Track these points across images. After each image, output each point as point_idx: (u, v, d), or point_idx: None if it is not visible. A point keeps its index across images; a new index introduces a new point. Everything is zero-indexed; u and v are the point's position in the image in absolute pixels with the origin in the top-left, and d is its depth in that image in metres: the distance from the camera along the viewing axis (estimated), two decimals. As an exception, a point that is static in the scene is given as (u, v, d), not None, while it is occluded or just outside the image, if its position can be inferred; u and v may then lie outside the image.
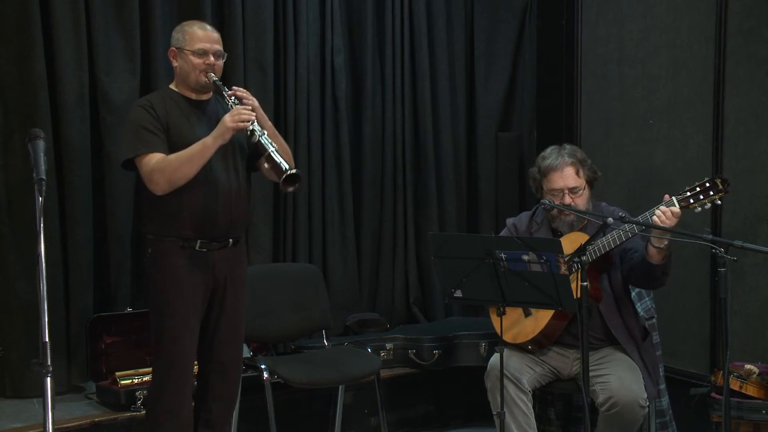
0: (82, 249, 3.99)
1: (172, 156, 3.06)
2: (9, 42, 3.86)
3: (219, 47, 3.19)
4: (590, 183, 3.47)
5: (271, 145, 3.06)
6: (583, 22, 4.78)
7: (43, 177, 2.28)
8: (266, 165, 3.08)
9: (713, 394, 3.53)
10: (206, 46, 3.14)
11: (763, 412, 3.41)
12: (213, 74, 3.15)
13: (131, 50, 4.08)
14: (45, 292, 2.18)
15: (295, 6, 4.49)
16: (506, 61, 5.17)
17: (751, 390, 3.46)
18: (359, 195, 4.81)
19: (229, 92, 3.14)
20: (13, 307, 3.87)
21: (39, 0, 3.84)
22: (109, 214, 4.08)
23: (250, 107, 3.10)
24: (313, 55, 4.57)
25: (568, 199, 3.38)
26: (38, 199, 2.24)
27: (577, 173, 3.42)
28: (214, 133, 3.05)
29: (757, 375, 3.46)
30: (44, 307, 2.17)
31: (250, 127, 3.05)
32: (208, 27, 3.22)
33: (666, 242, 3.11)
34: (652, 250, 3.15)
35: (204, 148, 3.04)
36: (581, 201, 3.41)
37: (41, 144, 2.38)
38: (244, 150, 3.26)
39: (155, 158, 3.05)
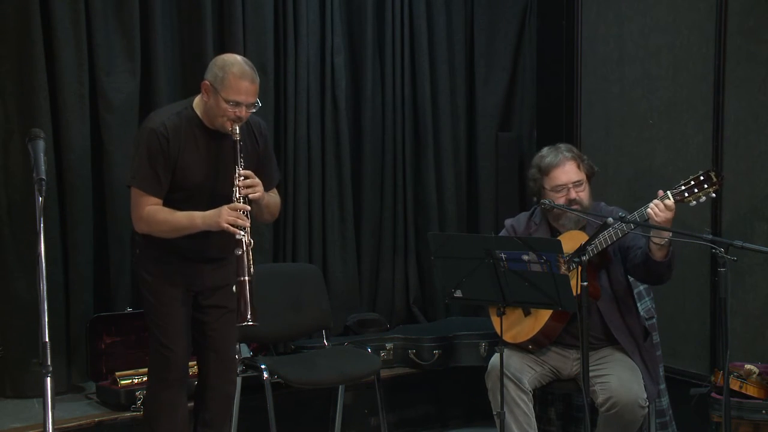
0: (82, 249, 3.99)
1: (161, 217, 3.04)
2: (9, 42, 3.86)
3: (254, 99, 3.07)
4: (589, 178, 3.48)
5: (250, 270, 2.97)
6: (583, 22, 4.78)
7: (43, 177, 2.28)
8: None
9: (713, 394, 3.52)
10: (242, 98, 3.02)
11: (763, 412, 3.41)
12: (238, 131, 3.03)
13: (131, 50, 4.08)
14: (45, 292, 2.18)
15: (295, 6, 4.49)
16: (506, 61, 5.17)
17: (751, 390, 3.46)
18: (359, 195, 4.80)
19: (242, 172, 3.03)
20: (13, 307, 3.87)
21: (39, 0, 3.84)
22: (109, 214, 4.08)
23: (247, 216, 2.99)
24: (313, 55, 4.57)
25: (573, 194, 3.39)
26: (38, 199, 2.24)
27: (578, 167, 3.44)
28: (206, 219, 3.00)
29: (757, 375, 3.46)
30: (44, 307, 2.17)
31: (240, 235, 2.97)
32: (249, 73, 3.05)
33: (666, 239, 3.11)
34: (653, 247, 3.16)
35: (191, 226, 3.03)
36: (585, 195, 3.42)
37: (41, 144, 2.38)
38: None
39: (148, 206, 3.04)
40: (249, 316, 2.95)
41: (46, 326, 2.17)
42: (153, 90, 4.10)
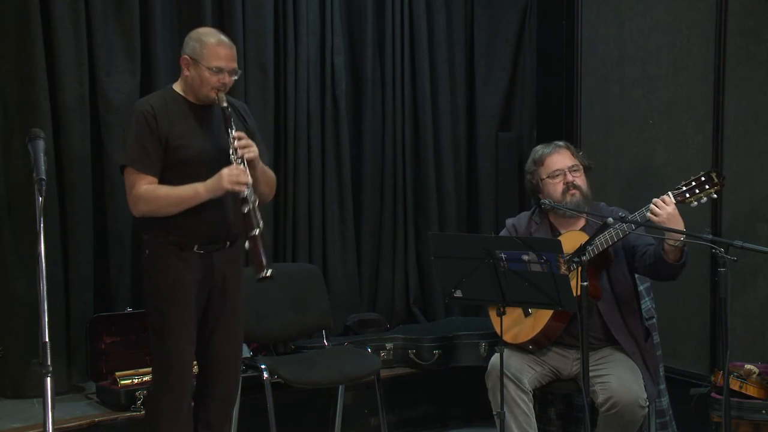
0: (82, 249, 3.99)
1: (162, 192, 3.05)
2: (9, 42, 3.86)
3: (235, 65, 3.14)
4: (585, 170, 3.51)
5: (259, 223, 3.02)
6: (583, 22, 4.78)
7: (43, 177, 2.28)
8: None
9: (713, 394, 3.53)
10: (223, 64, 3.09)
11: (763, 412, 3.41)
12: (224, 96, 3.10)
13: (131, 50, 4.08)
14: (45, 292, 2.17)
15: (295, 6, 4.49)
16: (506, 61, 5.17)
17: (751, 390, 3.46)
18: (359, 195, 4.81)
19: (235, 134, 3.07)
20: (13, 307, 3.87)
21: (39, 0, 3.84)
22: (109, 214, 4.08)
23: (247, 174, 3.04)
24: (313, 55, 4.57)
25: (570, 177, 3.44)
26: (38, 199, 2.23)
27: (572, 155, 3.50)
28: (209, 186, 3.03)
29: (757, 375, 3.46)
30: (44, 307, 2.17)
31: (245, 193, 3.02)
32: (226, 41, 3.15)
33: (681, 239, 3.11)
34: (667, 249, 3.16)
35: (195, 196, 3.04)
36: (583, 182, 3.45)
37: (41, 144, 2.38)
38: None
39: (144, 184, 3.04)
40: (265, 266, 3.00)
41: (46, 326, 2.16)
42: (153, 90, 4.07)
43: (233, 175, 3.01)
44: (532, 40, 5.17)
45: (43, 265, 2.18)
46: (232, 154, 3.06)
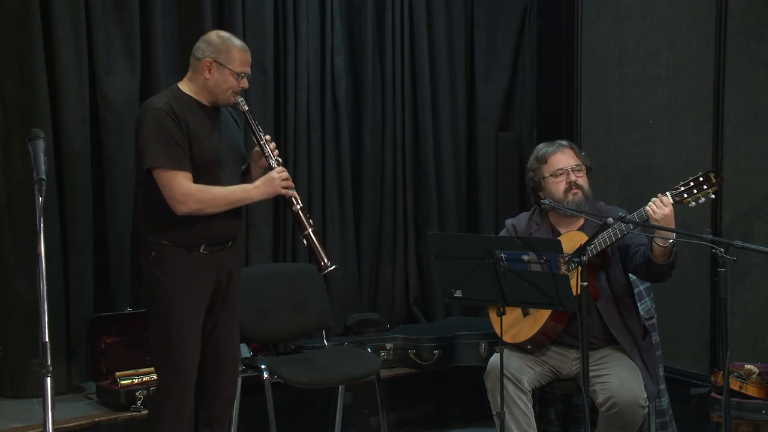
0: (82, 249, 3.99)
1: (215, 192, 3.06)
2: (9, 42, 3.86)
3: (250, 69, 3.20)
4: (587, 170, 3.51)
5: (310, 221, 3.14)
6: (583, 22, 4.78)
7: (43, 177, 2.28)
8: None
9: (713, 394, 3.53)
10: (246, 69, 3.13)
11: (763, 412, 3.41)
12: (242, 99, 3.15)
13: (131, 50, 4.08)
14: (45, 292, 2.17)
15: (295, 6, 4.49)
16: (506, 61, 5.17)
17: (751, 390, 3.46)
18: (359, 195, 4.81)
19: (266, 137, 3.16)
20: (13, 307, 3.87)
21: (39, 0, 3.84)
22: (109, 214, 4.08)
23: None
24: (313, 55, 4.57)
25: (573, 176, 3.44)
26: (38, 199, 2.23)
27: (576, 155, 3.50)
28: (261, 190, 3.12)
29: (757, 375, 3.46)
30: (44, 307, 2.17)
31: (293, 194, 3.14)
32: (246, 46, 3.18)
33: (670, 241, 3.11)
34: (657, 249, 3.15)
35: (247, 197, 3.13)
36: (585, 182, 3.46)
37: (41, 144, 2.38)
38: (244, 158, 3.26)
39: (184, 180, 3.00)
40: (327, 262, 3.13)
41: (46, 326, 2.16)
42: (153, 90, 4.09)
43: (284, 179, 3.10)
44: (532, 40, 5.17)
45: (43, 265, 2.18)
46: (269, 157, 3.13)
